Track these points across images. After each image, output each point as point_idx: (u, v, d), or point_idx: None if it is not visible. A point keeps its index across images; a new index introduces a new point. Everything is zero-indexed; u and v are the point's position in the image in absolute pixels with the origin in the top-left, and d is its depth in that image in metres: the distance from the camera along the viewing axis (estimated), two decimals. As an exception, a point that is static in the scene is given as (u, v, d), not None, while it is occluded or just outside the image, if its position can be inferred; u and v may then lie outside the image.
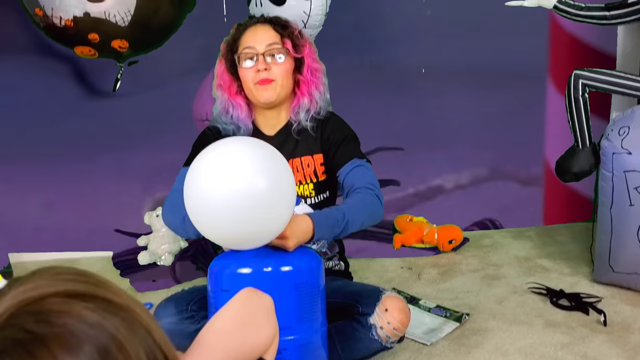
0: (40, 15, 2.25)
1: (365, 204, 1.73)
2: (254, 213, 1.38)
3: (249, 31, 1.88)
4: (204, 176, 1.41)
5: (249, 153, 1.42)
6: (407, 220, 2.76)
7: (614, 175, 2.21)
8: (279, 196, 1.42)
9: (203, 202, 1.40)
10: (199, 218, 1.44)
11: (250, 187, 1.37)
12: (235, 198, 1.37)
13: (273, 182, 1.40)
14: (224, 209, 1.37)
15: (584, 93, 2.24)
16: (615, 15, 2.23)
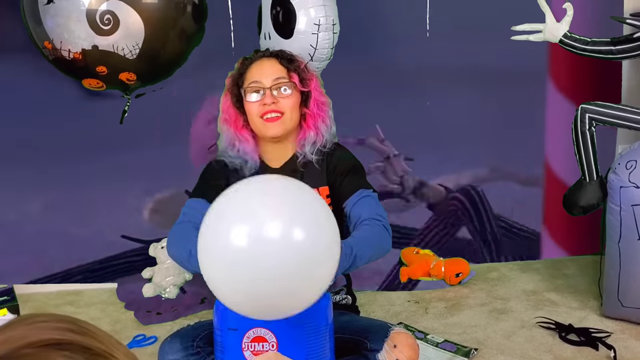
0: (49, 48, 2.27)
1: (373, 236, 1.72)
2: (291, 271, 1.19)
3: (255, 65, 1.89)
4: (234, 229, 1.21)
5: (288, 197, 1.25)
6: (413, 252, 2.74)
7: (621, 209, 2.20)
8: (322, 251, 1.22)
9: (224, 255, 1.22)
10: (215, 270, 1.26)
11: (288, 239, 1.19)
12: (269, 252, 1.17)
13: (316, 235, 1.22)
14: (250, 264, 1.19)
15: (590, 127, 2.24)
16: (621, 50, 2.23)
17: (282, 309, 1.25)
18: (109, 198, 2.78)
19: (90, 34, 2.22)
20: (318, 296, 1.29)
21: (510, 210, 3.02)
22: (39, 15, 2.26)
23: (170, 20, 2.29)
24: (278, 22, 2.23)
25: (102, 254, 2.77)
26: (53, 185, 2.79)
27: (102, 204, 2.80)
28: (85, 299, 2.63)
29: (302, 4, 2.18)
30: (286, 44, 2.17)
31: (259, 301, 1.22)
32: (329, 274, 1.29)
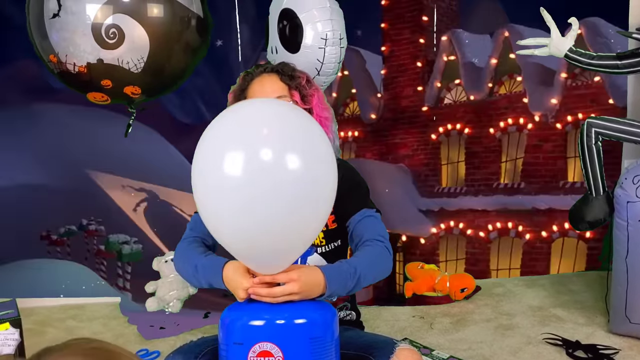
0: (55, 61, 2.27)
1: (376, 257, 1.70)
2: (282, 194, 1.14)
3: (256, 82, 1.87)
4: (217, 151, 1.17)
5: (280, 118, 1.20)
6: (418, 267, 2.73)
7: (629, 224, 2.18)
8: (319, 180, 1.19)
9: (216, 183, 1.17)
10: (209, 202, 1.21)
11: (279, 166, 1.15)
12: (257, 179, 1.13)
13: (310, 160, 1.18)
14: (242, 191, 1.13)
15: (596, 141, 2.22)
16: (627, 64, 2.23)
17: (282, 245, 1.26)
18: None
19: (96, 47, 2.23)
20: (317, 230, 1.30)
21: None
22: (44, 29, 2.26)
23: (175, 34, 2.30)
24: (285, 36, 2.23)
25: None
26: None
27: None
28: (87, 313, 2.62)
29: (309, 19, 2.18)
30: (293, 58, 2.17)
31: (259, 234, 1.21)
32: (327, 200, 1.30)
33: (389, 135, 6.13)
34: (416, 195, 5.90)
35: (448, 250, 5.39)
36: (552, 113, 4.75)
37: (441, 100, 5.78)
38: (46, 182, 6.14)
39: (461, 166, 5.43)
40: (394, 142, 6.14)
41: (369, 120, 6.31)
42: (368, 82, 6.20)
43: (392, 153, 6.13)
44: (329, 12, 2.20)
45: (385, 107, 6.30)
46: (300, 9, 2.21)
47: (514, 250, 4.87)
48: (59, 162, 5.64)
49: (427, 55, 5.81)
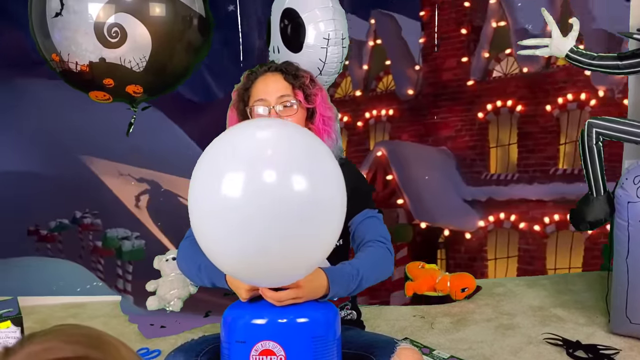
0: (57, 60, 2.28)
1: (378, 259, 1.71)
2: (286, 226, 1.10)
3: (259, 81, 1.88)
4: (217, 173, 1.12)
5: (283, 143, 1.16)
6: (419, 267, 2.73)
7: (629, 225, 2.18)
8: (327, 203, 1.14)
9: (214, 208, 1.12)
10: (206, 229, 1.17)
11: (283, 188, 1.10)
12: (261, 204, 1.08)
13: (317, 182, 1.13)
14: (244, 218, 1.09)
15: (597, 141, 2.23)
16: (628, 64, 2.23)
17: (283, 267, 1.22)
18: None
19: (98, 46, 2.23)
20: (325, 252, 1.25)
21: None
22: (47, 28, 2.27)
23: (177, 33, 2.30)
24: (287, 36, 2.23)
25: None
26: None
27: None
28: (88, 311, 2.62)
29: (311, 18, 2.19)
30: (295, 58, 2.17)
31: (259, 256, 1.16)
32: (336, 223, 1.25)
33: (428, 113, 5.32)
34: (460, 183, 5.11)
35: (498, 246, 4.68)
36: (618, 87, 3.99)
37: (489, 72, 4.97)
38: (33, 168, 5.35)
39: (513, 149, 4.69)
40: (435, 121, 5.33)
41: (406, 96, 5.50)
42: (404, 52, 5.33)
43: (433, 134, 5.35)
44: (332, 11, 2.21)
45: (425, 81, 5.43)
46: (302, 8, 2.21)
47: (575, 246, 4.19)
48: (48, 146, 4.84)
49: (473, 21, 4.96)
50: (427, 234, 5.41)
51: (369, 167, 5.56)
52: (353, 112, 6.11)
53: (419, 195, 5.52)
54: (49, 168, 5.83)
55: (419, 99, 5.34)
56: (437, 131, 5.22)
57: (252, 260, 1.19)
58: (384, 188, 5.52)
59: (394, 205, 5.41)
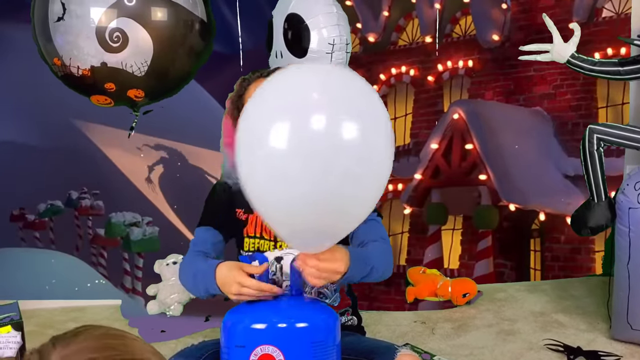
0: (59, 64, 2.29)
1: (385, 255, 1.70)
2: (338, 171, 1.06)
3: (253, 87, 1.87)
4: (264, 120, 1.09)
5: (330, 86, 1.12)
6: (420, 272, 2.73)
7: (630, 231, 2.18)
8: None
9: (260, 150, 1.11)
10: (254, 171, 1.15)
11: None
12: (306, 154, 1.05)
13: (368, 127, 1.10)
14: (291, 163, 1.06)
15: (598, 147, 2.23)
16: (629, 70, 2.23)
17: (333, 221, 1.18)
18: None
19: (100, 50, 2.24)
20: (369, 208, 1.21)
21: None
22: (49, 32, 2.28)
23: (179, 38, 2.31)
24: (291, 41, 2.24)
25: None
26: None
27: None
28: (88, 315, 2.62)
29: (315, 24, 2.20)
30: (299, 63, 2.18)
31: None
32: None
33: (519, 65, 4.18)
34: (560, 154, 4.17)
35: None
36: None
37: (597, 12, 4.05)
38: (17, 137, 4.01)
39: (627, 110, 3.41)
40: (527, 75, 4.30)
41: (490, 43, 4.47)
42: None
43: (525, 92, 4.35)
44: (336, 17, 2.22)
45: (514, 23, 4.38)
46: (307, 14, 2.22)
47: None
48: (36, 110, 3.69)
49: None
50: (516, 219, 4.43)
51: (443, 133, 4.44)
52: (422, 63, 4.97)
53: (507, 170, 4.44)
54: (34, 135, 4.29)
55: (507, 46, 4.40)
56: (531, 88, 4.32)
57: (301, 213, 1.18)
58: (461, 160, 4.41)
59: (475, 182, 4.37)
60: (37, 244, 6.59)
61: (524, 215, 4.42)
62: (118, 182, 5.72)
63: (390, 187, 5.85)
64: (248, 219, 1.82)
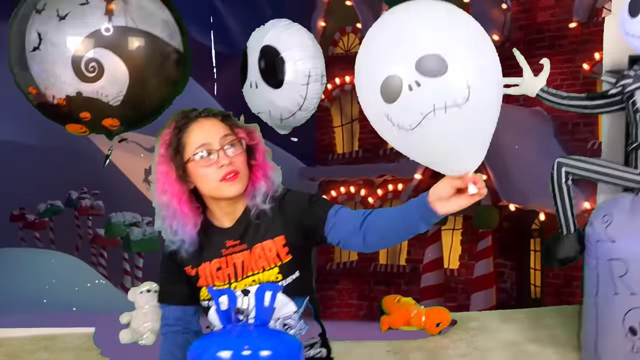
0: (34, 93, 2.29)
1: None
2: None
3: (194, 128, 1.81)
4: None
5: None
6: (395, 301, 2.74)
7: (598, 263, 2.21)
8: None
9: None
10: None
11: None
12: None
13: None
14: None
15: (567, 180, 2.27)
16: (596, 105, 2.29)
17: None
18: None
19: (75, 79, 2.25)
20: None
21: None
22: (25, 61, 2.28)
23: (155, 68, 2.32)
24: (267, 73, 2.26)
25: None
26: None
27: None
28: (59, 344, 2.61)
29: (291, 56, 2.23)
30: (275, 94, 2.21)
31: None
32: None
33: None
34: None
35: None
36: None
37: (597, 12, 4.08)
38: (17, 137, 4.08)
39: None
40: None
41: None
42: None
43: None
44: (312, 50, 2.25)
45: (514, 23, 4.53)
46: (282, 46, 2.25)
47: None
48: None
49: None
50: (516, 219, 4.61)
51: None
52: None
53: (507, 170, 4.58)
54: (34, 135, 4.30)
55: (507, 46, 4.32)
56: (531, 87, 4.45)
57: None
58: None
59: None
60: (37, 244, 6.50)
61: (524, 215, 4.50)
62: (118, 182, 5.76)
63: (390, 187, 6.07)
64: (198, 273, 1.81)
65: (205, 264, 1.77)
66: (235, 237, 1.77)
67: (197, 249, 1.79)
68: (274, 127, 2.32)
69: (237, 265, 1.76)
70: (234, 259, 1.76)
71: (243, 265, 1.75)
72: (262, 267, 1.75)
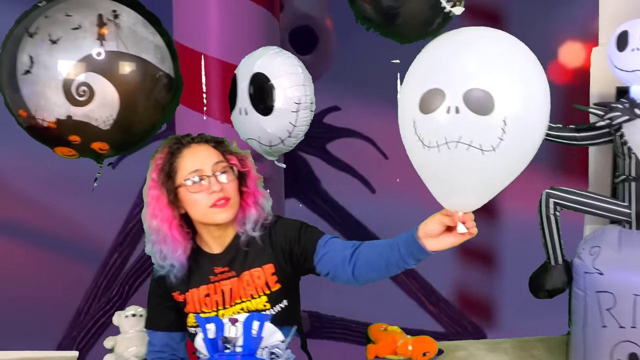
0: (24, 116, 2.30)
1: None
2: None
3: (187, 154, 1.85)
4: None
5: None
6: (381, 329, 2.72)
7: (586, 295, 2.22)
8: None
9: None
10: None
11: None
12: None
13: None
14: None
15: (555, 211, 2.28)
16: (585, 137, 2.31)
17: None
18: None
19: (66, 103, 2.25)
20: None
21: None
22: (16, 84, 2.29)
23: (145, 92, 2.33)
24: (257, 100, 2.29)
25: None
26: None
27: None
28: (44, 368, 2.57)
29: (280, 83, 2.26)
30: (265, 120, 2.23)
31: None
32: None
33: None
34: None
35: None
36: None
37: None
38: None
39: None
40: None
41: None
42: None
43: None
44: (302, 78, 2.29)
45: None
46: (273, 74, 2.29)
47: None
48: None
49: None
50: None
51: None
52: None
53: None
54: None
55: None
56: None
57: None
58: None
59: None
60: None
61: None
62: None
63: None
64: (186, 299, 1.81)
65: (193, 290, 1.77)
66: (224, 264, 1.78)
67: (186, 275, 1.79)
68: (262, 153, 2.33)
69: (225, 292, 1.76)
70: (222, 285, 1.76)
71: (231, 293, 1.76)
72: (250, 295, 1.75)
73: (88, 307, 4.00)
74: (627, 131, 2.25)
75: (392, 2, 2.18)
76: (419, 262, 1.58)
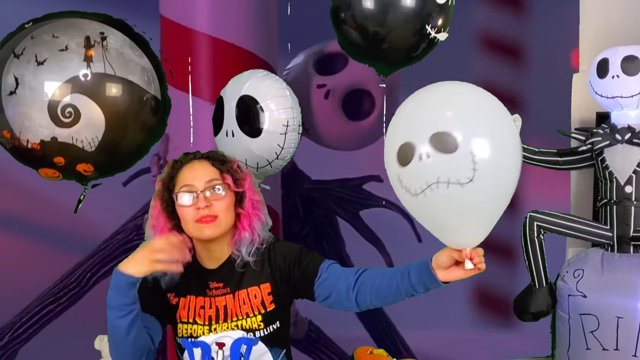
0: (8, 137, 2.28)
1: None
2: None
3: (186, 168, 1.89)
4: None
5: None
6: (367, 352, 2.71)
7: (570, 318, 2.24)
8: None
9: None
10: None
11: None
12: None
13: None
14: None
15: (539, 234, 2.31)
16: (567, 161, 2.35)
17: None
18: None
19: (51, 124, 2.24)
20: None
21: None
22: (0, 104, 2.27)
23: (132, 114, 2.33)
24: (245, 122, 2.30)
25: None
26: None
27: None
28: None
29: (268, 106, 2.27)
30: (252, 142, 2.24)
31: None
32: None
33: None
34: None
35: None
36: None
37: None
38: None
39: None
40: None
41: None
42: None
43: None
44: (290, 100, 2.32)
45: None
46: (261, 96, 2.31)
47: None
48: None
49: None
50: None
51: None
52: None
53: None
54: None
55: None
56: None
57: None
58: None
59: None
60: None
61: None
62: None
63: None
64: (179, 303, 1.80)
65: (190, 297, 1.77)
66: (219, 280, 1.78)
67: (184, 280, 1.80)
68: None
69: (219, 308, 1.77)
70: (217, 301, 1.77)
71: (226, 310, 1.76)
72: (245, 314, 1.75)
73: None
74: (608, 156, 2.29)
75: (377, 28, 2.22)
76: (427, 291, 1.62)
